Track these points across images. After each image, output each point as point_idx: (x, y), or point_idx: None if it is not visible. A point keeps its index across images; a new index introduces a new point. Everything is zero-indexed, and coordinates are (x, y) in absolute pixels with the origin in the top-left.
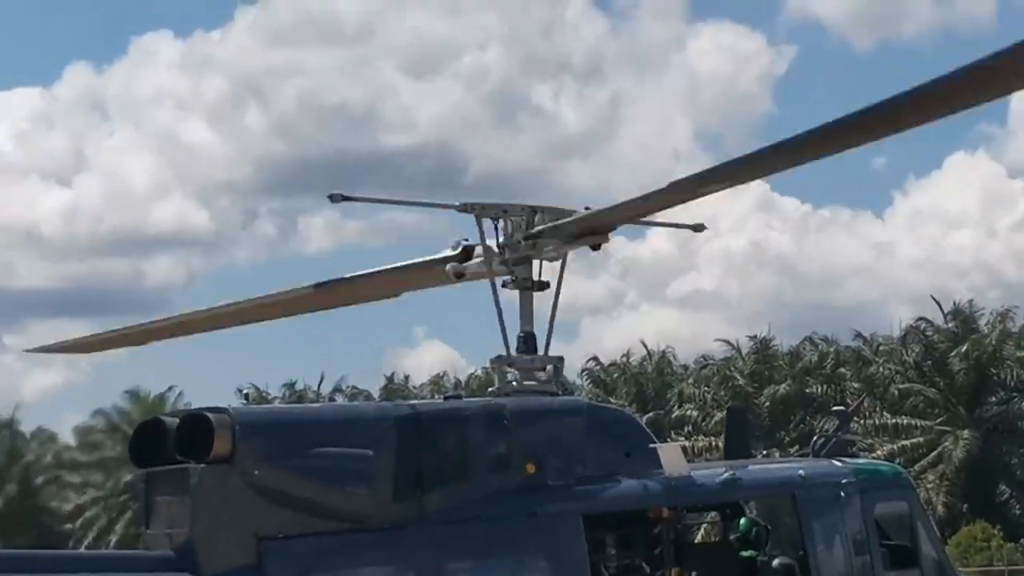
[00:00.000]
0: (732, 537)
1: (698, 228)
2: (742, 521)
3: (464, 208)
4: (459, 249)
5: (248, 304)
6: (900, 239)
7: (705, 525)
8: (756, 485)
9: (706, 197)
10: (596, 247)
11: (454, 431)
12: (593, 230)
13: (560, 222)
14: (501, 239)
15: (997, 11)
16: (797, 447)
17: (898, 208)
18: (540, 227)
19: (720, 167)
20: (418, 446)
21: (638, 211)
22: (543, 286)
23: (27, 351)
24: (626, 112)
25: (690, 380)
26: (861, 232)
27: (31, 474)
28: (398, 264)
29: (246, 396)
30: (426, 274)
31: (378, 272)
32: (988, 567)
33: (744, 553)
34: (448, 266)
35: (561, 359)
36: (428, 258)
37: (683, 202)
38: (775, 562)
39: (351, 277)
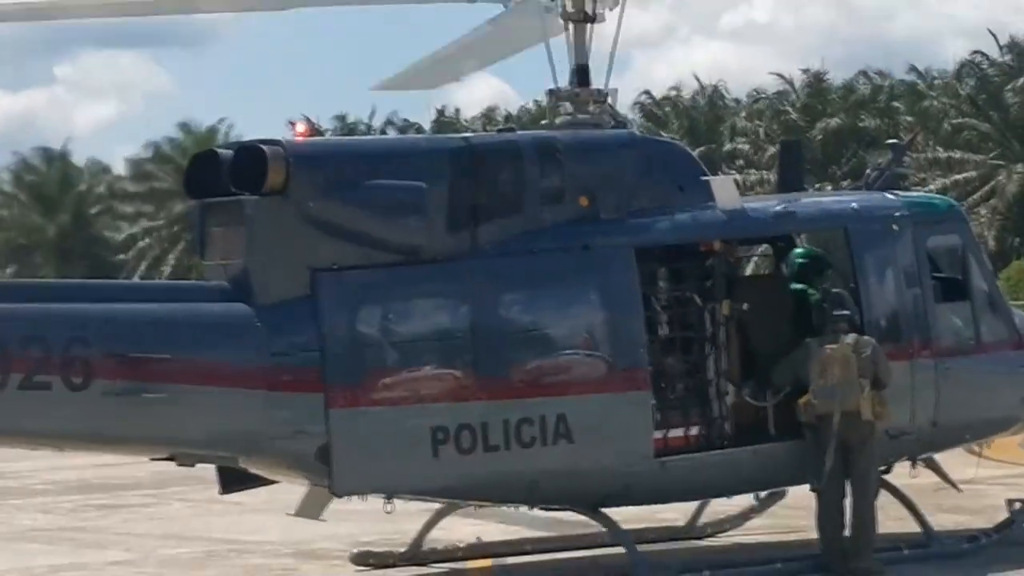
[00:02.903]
0: (785, 269)
1: None
2: (797, 251)
3: None
4: None
5: None
6: None
7: (756, 259)
8: (809, 218)
9: None
10: None
11: (507, 164)
12: None
13: None
14: None
15: None
16: (849, 181)
17: None
18: None
19: None
20: (472, 179)
21: None
22: (596, 18)
23: None
24: None
25: (742, 114)
26: None
27: (84, 204)
28: None
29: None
30: None
31: None
32: None
33: (796, 285)
34: None
35: (614, 91)
36: None
37: None
38: (830, 292)
39: None
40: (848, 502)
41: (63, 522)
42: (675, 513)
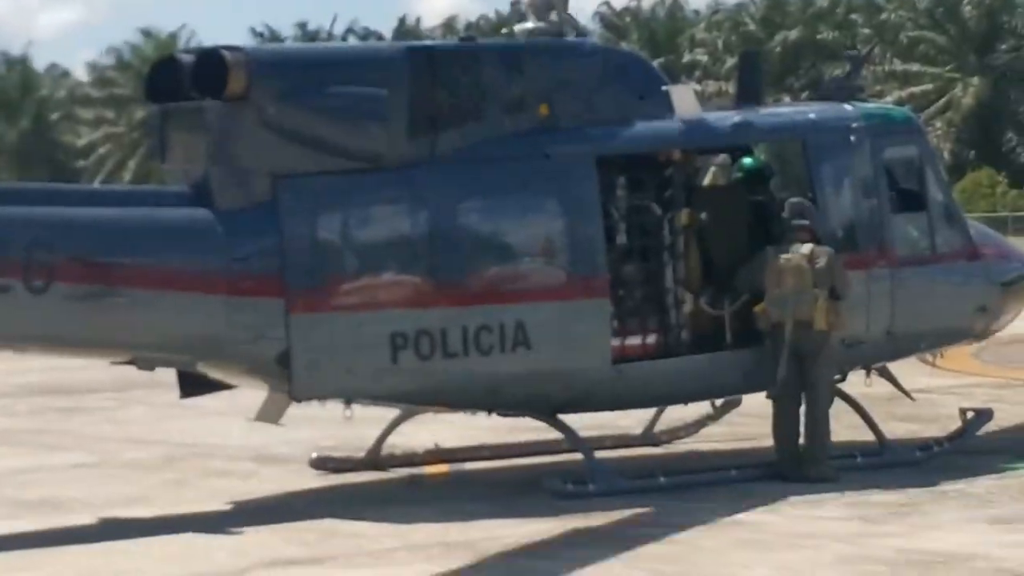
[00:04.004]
0: (737, 175)
1: None
2: (743, 160)
3: None
4: None
5: None
6: None
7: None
8: (767, 128)
9: None
10: None
11: (468, 71)
12: None
13: None
14: None
15: None
16: (807, 92)
17: None
18: None
19: None
20: (432, 86)
21: None
22: None
23: None
24: None
25: (701, 25)
26: None
27: (45, 109)
28: None
29: (260, 36)
30: None
31: None
32: (992, 213)
33: (756, 197)
34: None
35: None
36: None
37: None
38: (791, 200)
39: None
40: (803, 410)
41: (24, 424)
42: (632, 420)
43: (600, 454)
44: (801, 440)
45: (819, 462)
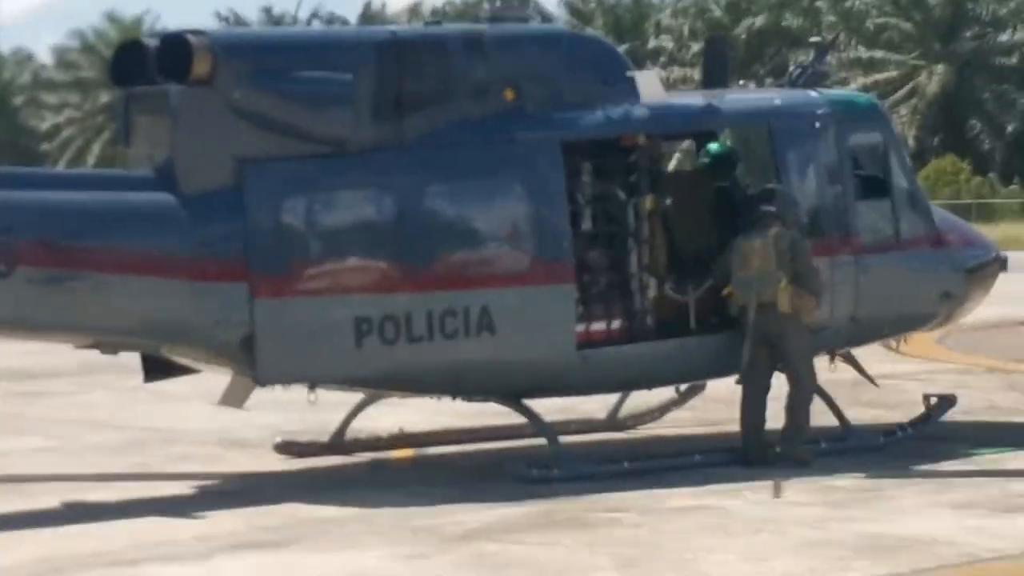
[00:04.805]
0: (703, 161)
1: None
2: (708, 146)
3: None
4: None
5: None
6: None
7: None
8: (732, 114)
9: None
10: None
11: (434, 56)
12: None
13: None
14: None
15: None
16: (772, 79)
17: None
18: None
19: None
20: (398, 71)
21: None
22: None
23: None
24: None
25: (667, 12)
26: None
27: (8, 94)
28: None
29: (225, 20)
30: None
31: None
32: (956, 200)
33: (722, 183)
34: None
35: None
36: None
37: None
38: (766, 188)
39: None
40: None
41: None
42: (596, 405)
43: (565, 439)
44: (776, 424)
45: (793, 443)
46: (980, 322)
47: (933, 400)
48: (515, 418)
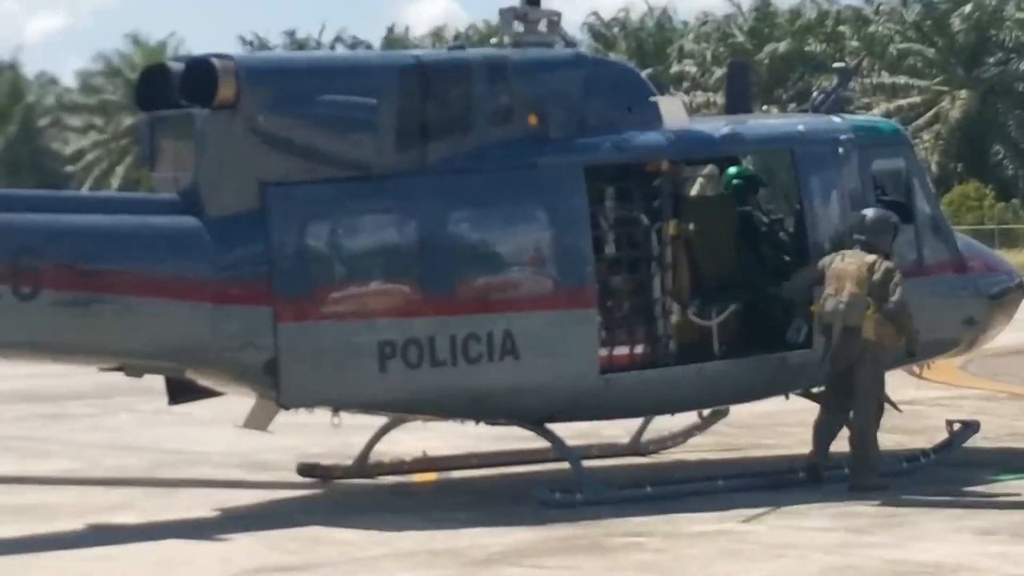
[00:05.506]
0: (725, 186)
1: None
2: (731, 171)
3: None
4: None
5: None
6: None
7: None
8: (756, 139)
9: None
10: None
11: (457, 81)
12: None
13: None
14: None
15: None
16: (795, 104)
17: None
18: None
19: None
20: (422, 95)
21: None
22: None
23: None
24: None
25: (690, 36)
26: None
27: (33, 116)
28: None
29: (248, 44)
30: None
31: None
32: (979, 225)
33: (745, 208)
34: None
35: (558, 14)
36: None
37: None
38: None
39: None
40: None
41: (7, 431)
42: (619, 430)
43: (587, 463)
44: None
45: (860, 474)
46: (1003, 348)
47: (956, 426)
48: (538, 442)
